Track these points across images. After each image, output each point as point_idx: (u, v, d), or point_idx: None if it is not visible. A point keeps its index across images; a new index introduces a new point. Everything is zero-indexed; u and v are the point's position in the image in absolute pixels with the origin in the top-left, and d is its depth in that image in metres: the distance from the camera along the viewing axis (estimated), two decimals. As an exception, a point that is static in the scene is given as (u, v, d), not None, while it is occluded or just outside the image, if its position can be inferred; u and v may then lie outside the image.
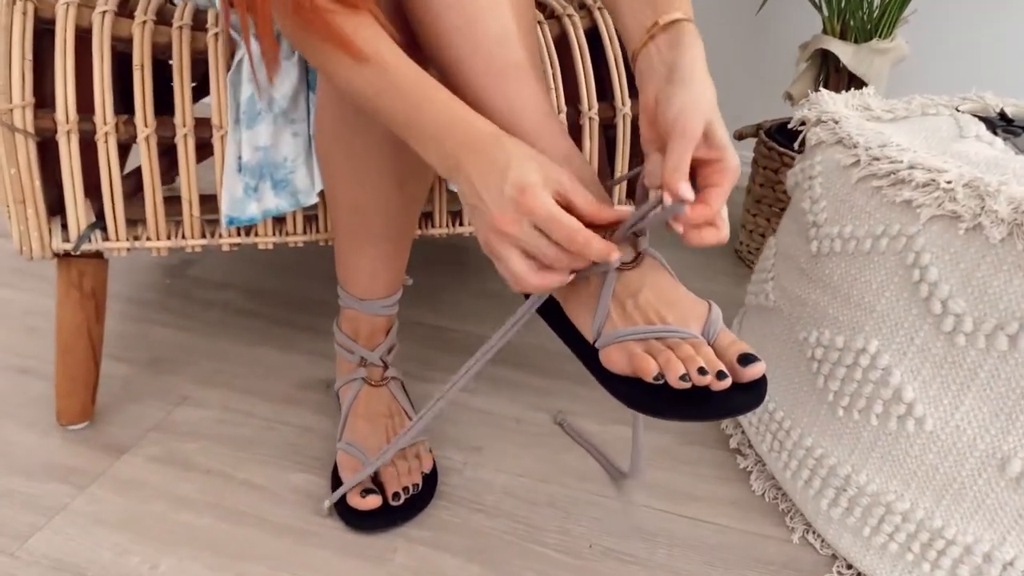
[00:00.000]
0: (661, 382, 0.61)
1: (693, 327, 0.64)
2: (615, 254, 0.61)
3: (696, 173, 0.63)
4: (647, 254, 0.68)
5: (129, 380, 1.09)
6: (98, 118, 0.86)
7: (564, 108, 0.97)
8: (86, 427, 0.99)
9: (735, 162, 0.62)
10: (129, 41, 0.87)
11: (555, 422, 1.04)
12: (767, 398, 0.95)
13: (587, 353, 0.68)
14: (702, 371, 0.59)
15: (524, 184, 0.59)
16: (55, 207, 0.90)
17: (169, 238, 0.93)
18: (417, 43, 0.72)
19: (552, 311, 0.73)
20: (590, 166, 0.72)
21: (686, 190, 0.59)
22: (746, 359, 0.61)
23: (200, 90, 0.98)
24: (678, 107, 0.61)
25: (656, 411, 0.62)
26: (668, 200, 0.60)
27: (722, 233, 0.63)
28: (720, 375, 0.59)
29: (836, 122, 0.92)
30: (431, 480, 0.91)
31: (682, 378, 0.59)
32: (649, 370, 0.61)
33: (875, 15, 1.41)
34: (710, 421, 0.86)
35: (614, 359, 0.65)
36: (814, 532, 0.87)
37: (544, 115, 0.70)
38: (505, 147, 0.62)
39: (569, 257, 0.61)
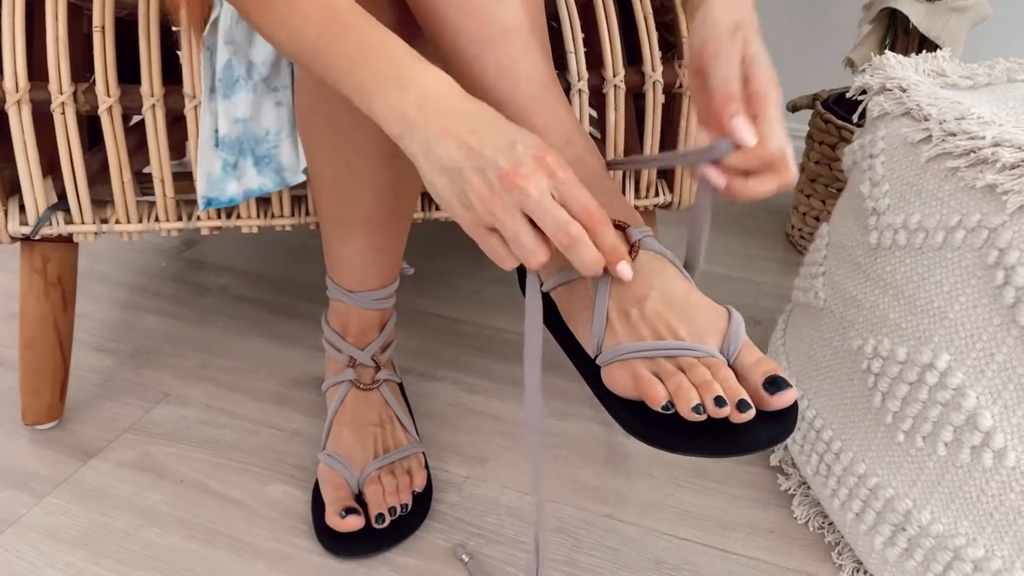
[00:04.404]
0: (671, 412, 0.50)
1: (710, 342, 0.53)
2: (624, 263, 0.53)
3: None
4: (644, 247, 0.56)
5: (109, 374, 1.00)
6: (52, 86, 0.77)
7: (586, 74, 0.85)
8: (55, 427, 0.90)
9: (769, 74, 0.55)
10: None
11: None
12: (814, 414, 0.82)
13: (588, 369, 0.58)
14: (720, 401, 0.49)
15: (540, 145, 0.50)
16: (13, 187, 0.81)
17: (141, 221, 0.84)
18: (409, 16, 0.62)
19: (554, 317, 0.62)
20: (596, 152, 0.61)
21: (744, 130, 0.53)
22: (774, 384, 0.50)
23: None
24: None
25: (664, 444, 0.51)
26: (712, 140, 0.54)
27: (785, 177, 0.55)
28: (742, 406, 0.49)
29: (903, 90, 0.78)
30: (424, 499, 0.80)
31: (695, 409, 0.49)
32: (657, 398, 0.50)
33: (952, -32, 1.24)
34: (728, 457, 0.73)
35: (617, 380, 0.54)
36: (866, 572, 0.75)
37: (543, 87, 0.59)
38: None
39: (575, 236, 0.51)
